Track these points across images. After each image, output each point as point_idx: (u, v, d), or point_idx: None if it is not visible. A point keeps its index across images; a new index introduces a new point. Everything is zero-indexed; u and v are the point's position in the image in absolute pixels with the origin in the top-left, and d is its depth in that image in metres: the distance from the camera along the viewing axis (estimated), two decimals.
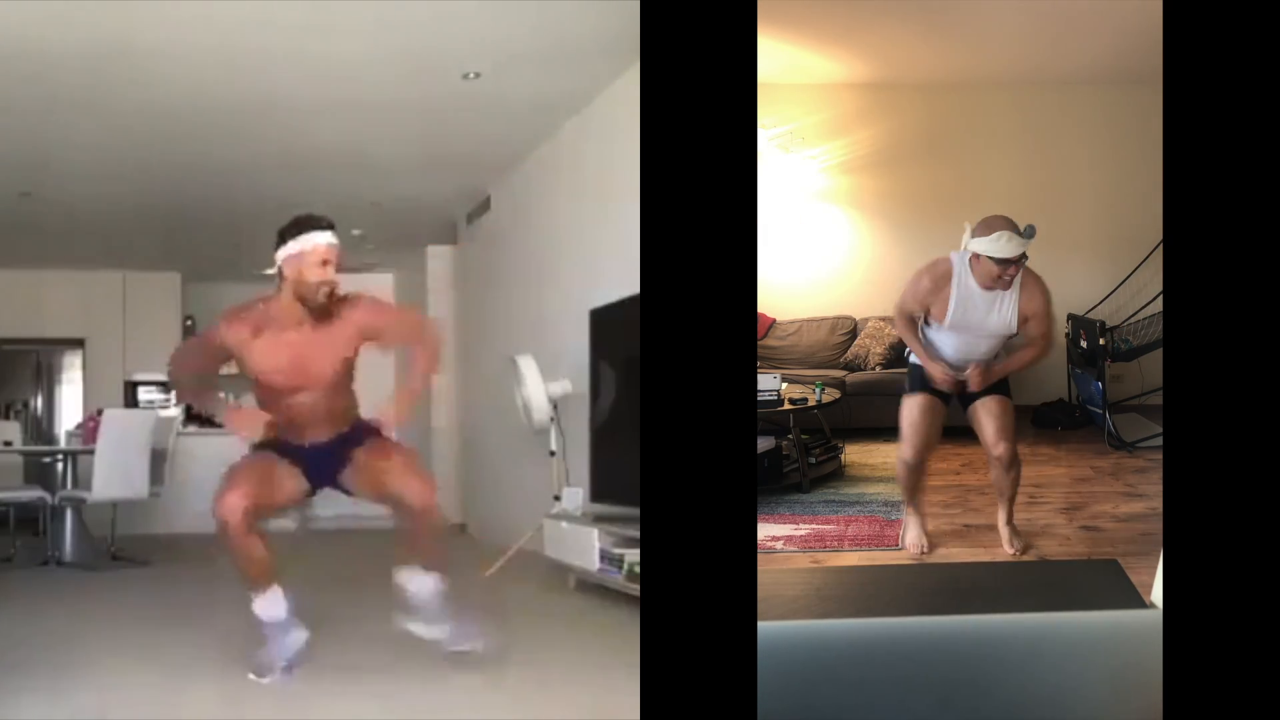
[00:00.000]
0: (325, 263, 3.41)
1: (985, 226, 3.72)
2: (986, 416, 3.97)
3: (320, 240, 3.42)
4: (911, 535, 4.18)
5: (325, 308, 3.46)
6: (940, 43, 6.45)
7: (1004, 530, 4.13)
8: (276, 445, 3.58)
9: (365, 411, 3.71)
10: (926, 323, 4.02)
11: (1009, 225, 3.69)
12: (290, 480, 3.59)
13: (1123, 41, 5.77)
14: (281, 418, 3.53)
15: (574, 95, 6.01)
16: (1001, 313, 3.85)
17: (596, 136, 6.10)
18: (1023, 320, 3.88)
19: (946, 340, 3.99)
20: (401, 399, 3.58)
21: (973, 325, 3.90)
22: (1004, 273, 3.73)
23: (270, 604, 3.52)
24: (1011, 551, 4.05)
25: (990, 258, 3.69)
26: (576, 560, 5.21)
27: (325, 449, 3.60)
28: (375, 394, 3.70)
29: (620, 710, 3.04)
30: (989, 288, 3.80)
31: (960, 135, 7.30)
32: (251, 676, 3.48)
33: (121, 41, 4.99)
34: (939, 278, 3.87)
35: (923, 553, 4.09)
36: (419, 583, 3.56)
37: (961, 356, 4.00)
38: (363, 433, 3.63)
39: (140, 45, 5.05)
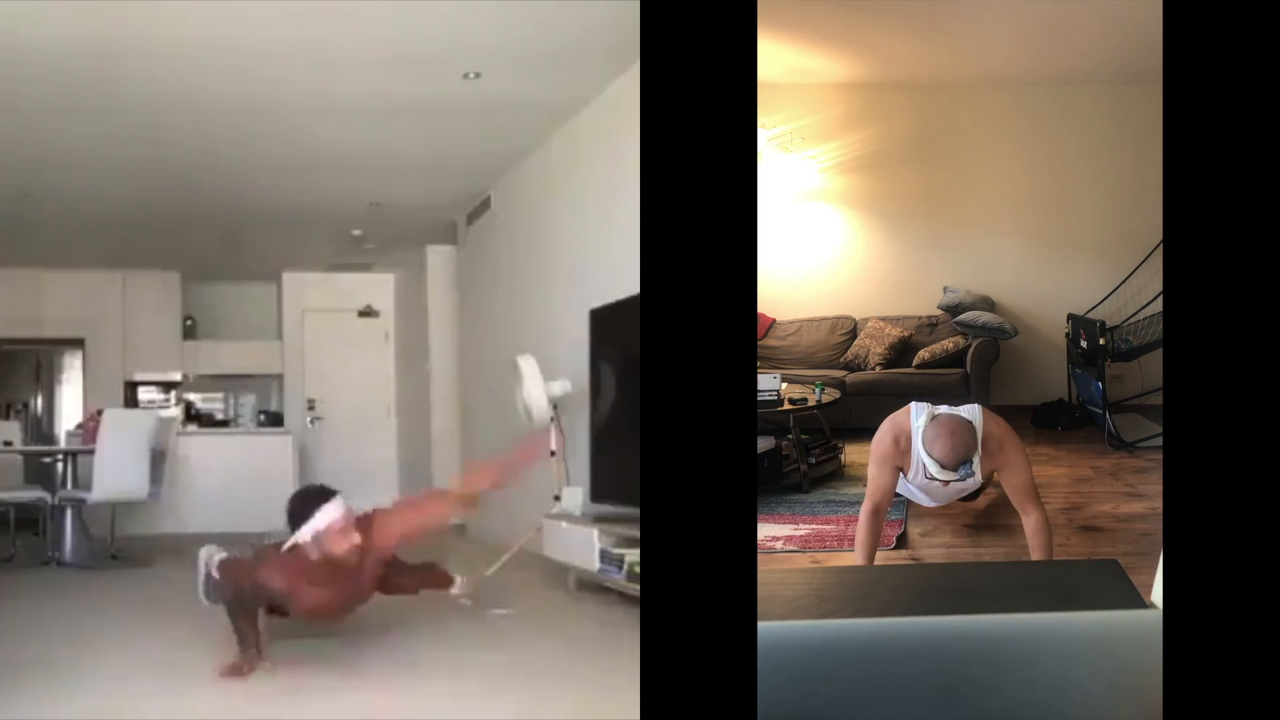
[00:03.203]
0: (344, 531, 3.48)
1: (933, 439, 3.53)
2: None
3: (334, 514, 3.48)
4: None
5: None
6: (940, 43, 6.45)
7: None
8: None
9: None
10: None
11: (957, 443, 3.49)
12: None
13: (1123, 41, 5.77)
14: None
15: (574, 95, 6.01)
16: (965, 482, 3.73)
17: (596, 137, 6.10)
18: (990, 470, 3.74)
19: (916, 492, 4.04)
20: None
21: (935, 491, 3.93)
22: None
23: None
24: None
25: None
26: (576, 560, 5.20)
27: None
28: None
29: (620, 710, 3.03)
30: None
31: (961, 135, 7.29)
32: None
33: (121, 41, 4.99)
34: (904, 442, 3.72)
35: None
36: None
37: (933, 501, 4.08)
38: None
39: (140, 45, 5.05)
